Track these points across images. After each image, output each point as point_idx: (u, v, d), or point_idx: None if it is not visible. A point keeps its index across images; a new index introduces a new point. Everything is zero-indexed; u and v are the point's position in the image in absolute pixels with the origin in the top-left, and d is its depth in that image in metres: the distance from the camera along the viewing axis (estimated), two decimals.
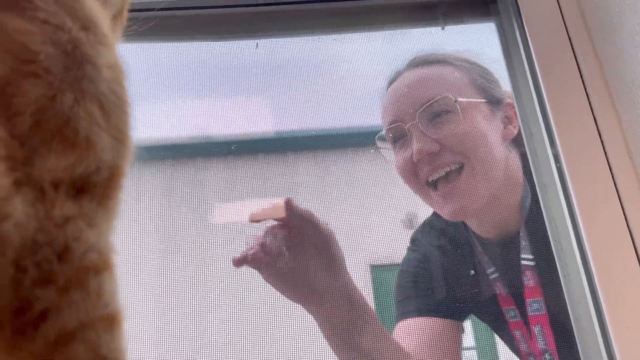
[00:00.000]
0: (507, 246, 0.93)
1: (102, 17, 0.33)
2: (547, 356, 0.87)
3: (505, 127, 0.93)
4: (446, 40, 0.96)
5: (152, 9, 0.79)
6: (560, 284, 0.81)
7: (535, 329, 0.87)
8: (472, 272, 0.96)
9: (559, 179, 0.82)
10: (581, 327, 0.77)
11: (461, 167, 0.89)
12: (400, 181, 1.11)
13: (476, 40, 0.96)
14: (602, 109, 0.81)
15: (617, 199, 0.78)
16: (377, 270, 1.56)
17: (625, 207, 0.78)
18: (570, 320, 0.79)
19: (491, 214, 0.92)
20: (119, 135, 0.30)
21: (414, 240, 1.05)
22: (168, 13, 0.86)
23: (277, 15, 0.92)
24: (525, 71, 0.88)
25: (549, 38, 0.86)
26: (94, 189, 0.28)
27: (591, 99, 0.83)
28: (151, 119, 1.05)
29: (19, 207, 0.24)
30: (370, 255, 1.53)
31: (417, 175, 0.92)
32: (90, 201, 0.28)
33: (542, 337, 0.87)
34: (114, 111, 0.30)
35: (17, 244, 0.24)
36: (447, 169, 0.89)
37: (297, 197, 1.29)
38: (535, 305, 0.87)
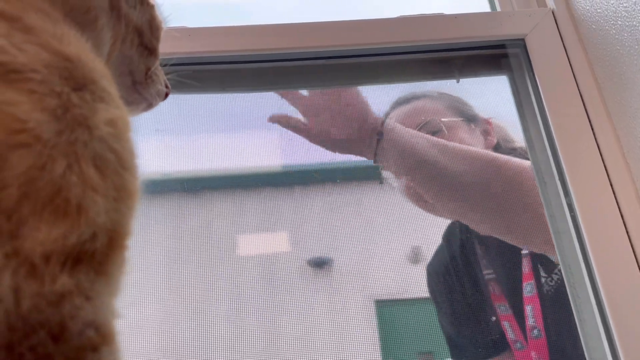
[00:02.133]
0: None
1: (103, 73, 0.33)
2: (535, 332, 0.94)
3: (485, 139, 1.06)
4: (461, 92, 1.01)
5: (188, 64, 0.82)
6: (578, 334, 0.83)
7: (528, 308, 0.96)
8: (493, 318, 0.99)
9: (574, 228, 0.85)
10: None
11: None
12: (406, 216, 1.17)
13: (490, 93, 1.00)
14: (613, 160, 0.85)
15: (630, 246, 0.81)
16: (382, 305, 1.57)
17: (637, 253, 0.81)
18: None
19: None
20: (118, 194, 0.29)
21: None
22: (201, 67, 0.90)
23: (301, 70, 0.95)
24: (537, 122, 0.91)
25: (560, 91, 0.90)
26: (91, 258, 0.26)
27: (602, 150, 0.86)
28: (170, 155, 1.07)
29: (7, 285, 0.23)
30: (375, 290, 1.54)
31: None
32: (87, 272, 0.26)
33: (532, 315, 0.95)
34: (111, 170, 0.29)
35: (4, 327, 0.22)
36: None
37: (303, 231, 1.30)
38: (528, 287, 0.97)
